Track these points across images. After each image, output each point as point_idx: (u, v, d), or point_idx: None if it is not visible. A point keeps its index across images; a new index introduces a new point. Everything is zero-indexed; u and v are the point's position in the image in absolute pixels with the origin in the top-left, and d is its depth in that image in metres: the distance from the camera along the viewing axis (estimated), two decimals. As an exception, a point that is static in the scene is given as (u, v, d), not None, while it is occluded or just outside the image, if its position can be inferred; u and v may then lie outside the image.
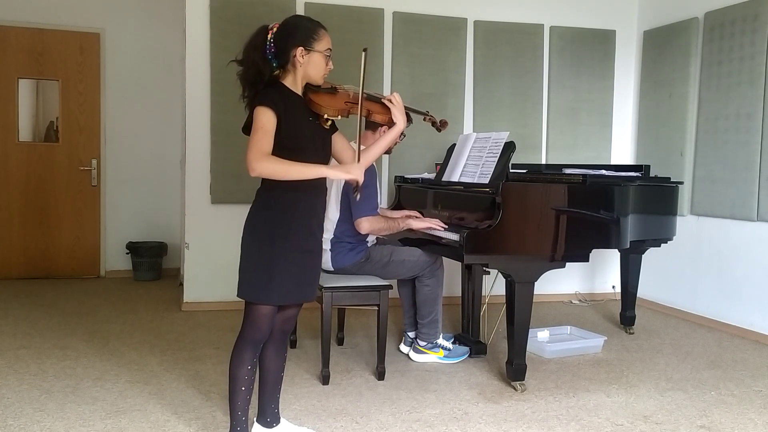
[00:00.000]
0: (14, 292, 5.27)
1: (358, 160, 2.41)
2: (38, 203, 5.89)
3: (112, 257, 6.10)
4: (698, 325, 4.73)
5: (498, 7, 5.30)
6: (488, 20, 5.28)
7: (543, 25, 5.39)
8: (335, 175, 2.30)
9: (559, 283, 5.35)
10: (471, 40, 5.27)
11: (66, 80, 5.90)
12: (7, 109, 5.80)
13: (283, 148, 2.24)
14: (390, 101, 2.56)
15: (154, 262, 5.97)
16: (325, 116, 2.38)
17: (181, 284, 5.13)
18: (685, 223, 4.84)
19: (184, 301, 4.84)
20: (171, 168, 6.08)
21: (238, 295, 2.39)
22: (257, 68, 2.32)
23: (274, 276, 2.33)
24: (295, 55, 2.33)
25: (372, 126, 3.50)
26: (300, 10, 4.84)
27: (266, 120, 2.23)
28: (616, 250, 4.37)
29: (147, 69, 6.04)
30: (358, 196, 2.49)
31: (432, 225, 3.43)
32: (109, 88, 6.00)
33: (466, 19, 5.24)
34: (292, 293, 2.40)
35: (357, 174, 2.33)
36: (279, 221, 2.34)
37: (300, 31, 2.34)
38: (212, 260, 4.81)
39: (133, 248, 5.93)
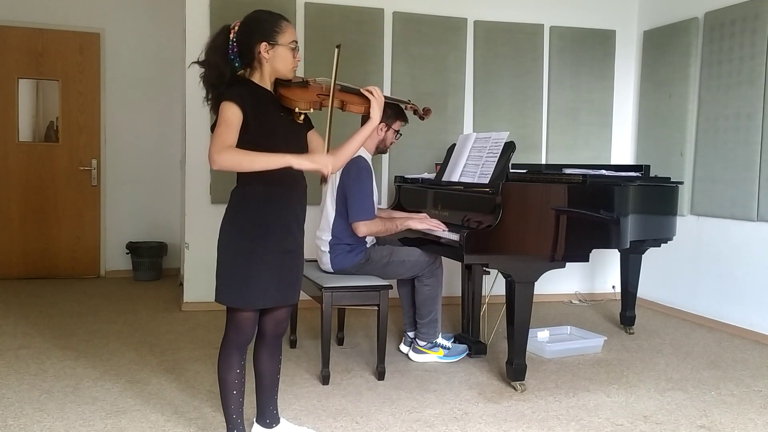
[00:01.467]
0: (14, 292, 5.27)
1: (327, 150, 2.31)
2: (38, 203, 5.89)
3: (112, 257, 6.10)
4: (698, 325, 4.73)
5: (498, 7, 5.30)
6: (488, 20, 5.28)
7: (543, 25, 5.39)
8: (300, 165, 2.19)
9: (559, 283, 5.35)
10: (471, 40, 5.27)
11: (66, 80, 5.90)
12: (7, 109, 5.80)
13: (254, 145, 2.16)
14: (370, 93, 2.48)
15: (154, 262, 5.97)
16: (297, 110, 2.32)
17: (181, 284, 5.13)
18: (685, 223, 4.84)
19: (184, 301, 4.84)
20: (171, 168, 6.09)
21: (215, 300, 2.34)
22: (218, 70, 2.26)
23: (252, 279, 2.27)
24: (259, 52, 2.27)
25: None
26: (300, 10, 4.84)
27: (230, 114, 2.17)
28: (616, 250, 4.37)
29: (147, 69, 6.04)
30: (324, 187, 2.46)
31: (431, 227, 3.42)
32: (109, 88, 6.00)
33: (466, 19, 5.24)
34: (272, 296, 2.33)
35: (323, 164, 2.21)
36: (255, 221, 2.28)
37: (261, 26, 2.28)
38: (212, 260, 4.74)
39: (133, 248, 5.93)
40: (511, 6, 5.34)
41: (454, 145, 3.92)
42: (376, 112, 2.48)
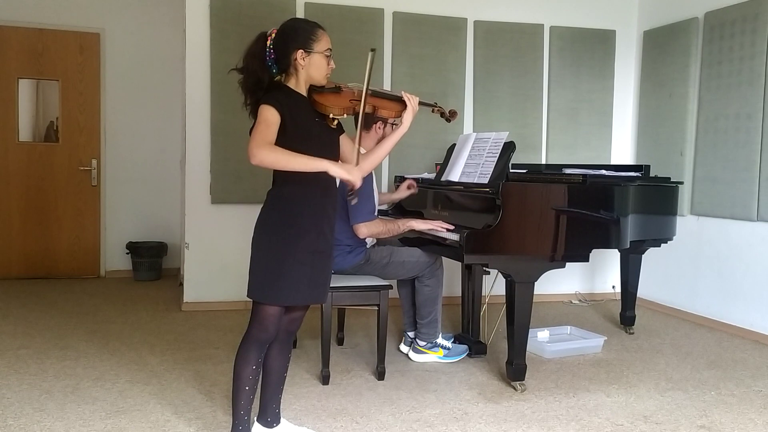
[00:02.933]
0: (14, 292, 5.27)
1: (357, 162, 2.39)
2: (38, 203, 5.89)
3: (112, 257, 6.10)
4: (698, 325, 4.73)
5: (498, 7, 5.30)
6: (488, 20, 5.28)
7: (543, 25, 5.40)
8: (336, 172, 2.26)
9: (559, 283, 5.35)
10: (471, 40, 5.27)
11: (66, 80, 5.90)
12: (7, 109, 5.80)
13: (289, 148, 2.23)
14: (408, 99, 2.58)
15: (154, 262, 5.97)
16: (331, 116, 2.39)
17: (181, 284, 5.13)
18: (685, 223, 4.84)
19: (184, 301, 4.84)
20: (171, 168, 6.09)
21: (248, 295, 2.39)
22: (256, 76, 2.33)
23: (283, 276, 2.33)
24: (295, 59, 2.34)
25: (367, 124, 3.48)
26: (300, 10, 4.85)
27: (270, 115, 2.24)
28: (616, 250, 4.36)
29: (147, 69, 6.04)
30: (354, 201, 2.46)
31: (434, 226, 3.41)
32: (109, 88, 6.00)
33: (466, 19, 5.24)
34: (302, 294, 2.39)
35: (356, 177, 2.30)
36: (289, 221, 2.34)
37: (298, 34, 2.34)
38: (212, 260, 4.81)
39: (133, 248, 5.93)
40: (511, 6, 5.34)
41: (454, 145, 3.92)
42: (409, 118, 2.59)
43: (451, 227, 3.37)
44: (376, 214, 3.43)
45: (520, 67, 5.35)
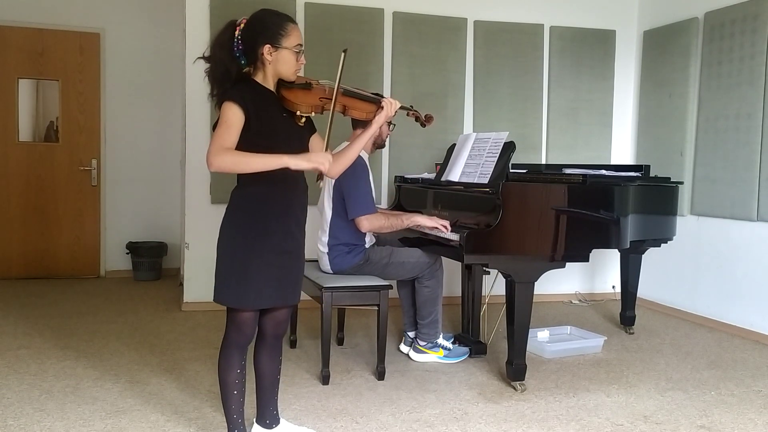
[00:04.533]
0: (14, 292, 5.27)
1: (326, 148, 2.31)
2: (38, 203, 5.89)
3: (112, 257, 6.10)
4: (698, 325, 4.73)
5: (498, 7, 5.30)
6: (488, 20, 5.28)
7: (543, 25, 5.39)
8: (296, 165, 2.18)
9: (559, 283, 5.35)
10: (471, 40, 5.27)
11: (66, 80, 5.90)
12: (7, 109, 5.80)
13: (254, 146, 2.17)
14: (387, 102, 2.53)
15: (154, 262, 5.97)
16: (298, 113, 2.31)
17: (181, 284, 5.13)
18: (685, 223, 4.84)
19: (184, 301, 4.84)
20: (171, 168, 6.09)
21: (214, 300, 2.34)
22: (224, 67, 2.26)
23: (250, 279, 2.27)
24: (262, 53, 2.26)
25: (360, 125, 3.47)
26: (300, 10, 4.84)
27: (232, 115, 2.17)
28: (616, 250, 4.37)
29: (147, 69, 6.05)
30: (321, 184, 2.43)
31: (439, 225, 3.40)
32: (109, 88, 6.00)
33: (466, 19, 5.24)
34: (271, 296, 2.32)
35: (319, 162, 2.19)
36: (254, 221, 2.28)
37: (266, 28, 2.26)
38: (212, 260, 4.75)
39: (133, 248, 5.93)
40: (511, 6, 5.34)
41: (454, 145, 3.92)
42: (381, 120, 2.54)
43: (449, 230, 3.37)
44: (375, 208, 3.42)
45: (520, 67, 5.35)
